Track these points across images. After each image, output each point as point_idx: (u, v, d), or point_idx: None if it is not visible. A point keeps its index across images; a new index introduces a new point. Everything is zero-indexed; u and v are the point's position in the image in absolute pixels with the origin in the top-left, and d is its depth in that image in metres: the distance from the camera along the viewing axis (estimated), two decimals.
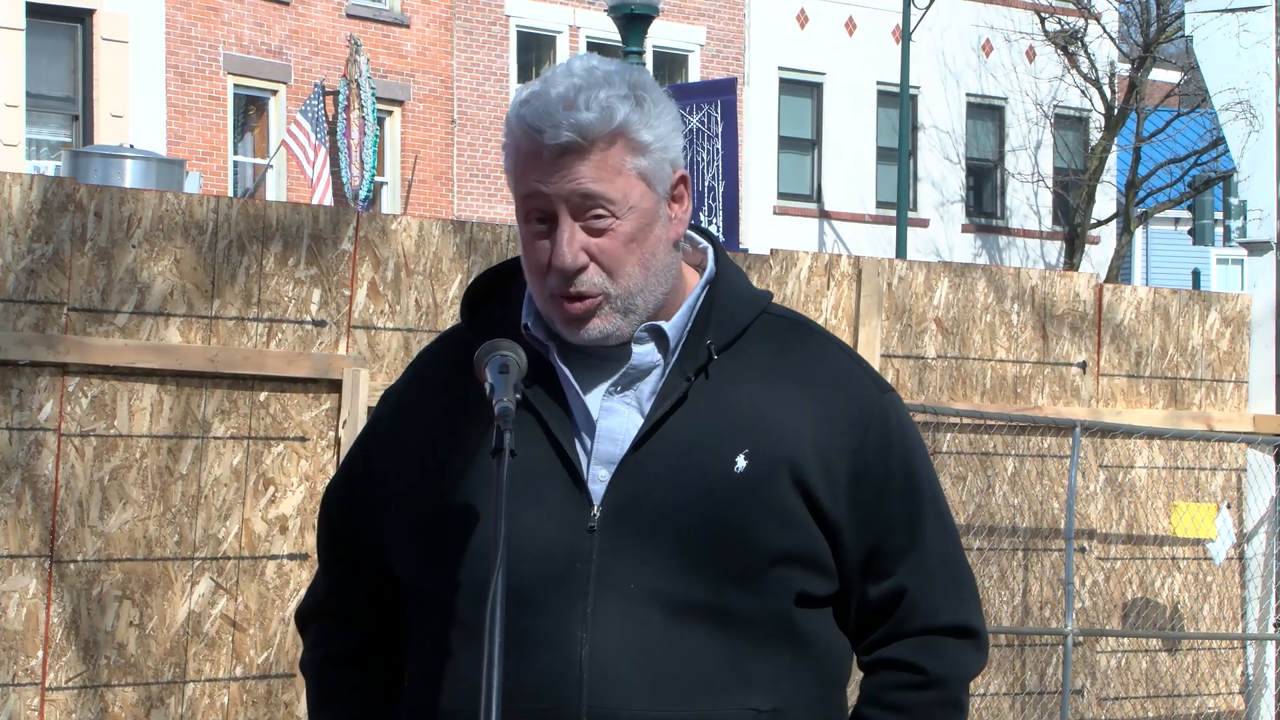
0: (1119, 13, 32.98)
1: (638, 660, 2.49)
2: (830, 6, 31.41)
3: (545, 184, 2.53)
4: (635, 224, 2.55)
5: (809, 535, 2.56)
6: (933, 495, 2.66)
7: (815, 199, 31.39)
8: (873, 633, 2.64)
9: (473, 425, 2.61)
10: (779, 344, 2.64)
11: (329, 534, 2.79)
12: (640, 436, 2.55)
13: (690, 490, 2.53)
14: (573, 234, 2.53)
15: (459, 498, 2.58)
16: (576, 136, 2.50)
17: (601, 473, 2.55)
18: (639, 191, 2.55)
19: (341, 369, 6.51)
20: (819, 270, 7.66)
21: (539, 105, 2.53)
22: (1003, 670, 8.19)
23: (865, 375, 2.67)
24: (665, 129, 2.58)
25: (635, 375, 2.59)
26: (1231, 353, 8.86)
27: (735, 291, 2.66)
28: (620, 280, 2.55)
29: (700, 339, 2.60)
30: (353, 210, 6.95)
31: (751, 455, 2.54)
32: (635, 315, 2.57)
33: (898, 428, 2.64)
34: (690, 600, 2.51)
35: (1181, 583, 8.72)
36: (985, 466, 8.12)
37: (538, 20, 28.60)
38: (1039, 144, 33.52)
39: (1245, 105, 9.37)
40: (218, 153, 24.80)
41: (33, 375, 5.98)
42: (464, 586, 2.55)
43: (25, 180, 6.00)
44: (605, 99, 2.52)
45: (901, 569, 2.61)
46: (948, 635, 2.63)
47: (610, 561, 2.51)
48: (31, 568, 5.96)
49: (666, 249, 2.60)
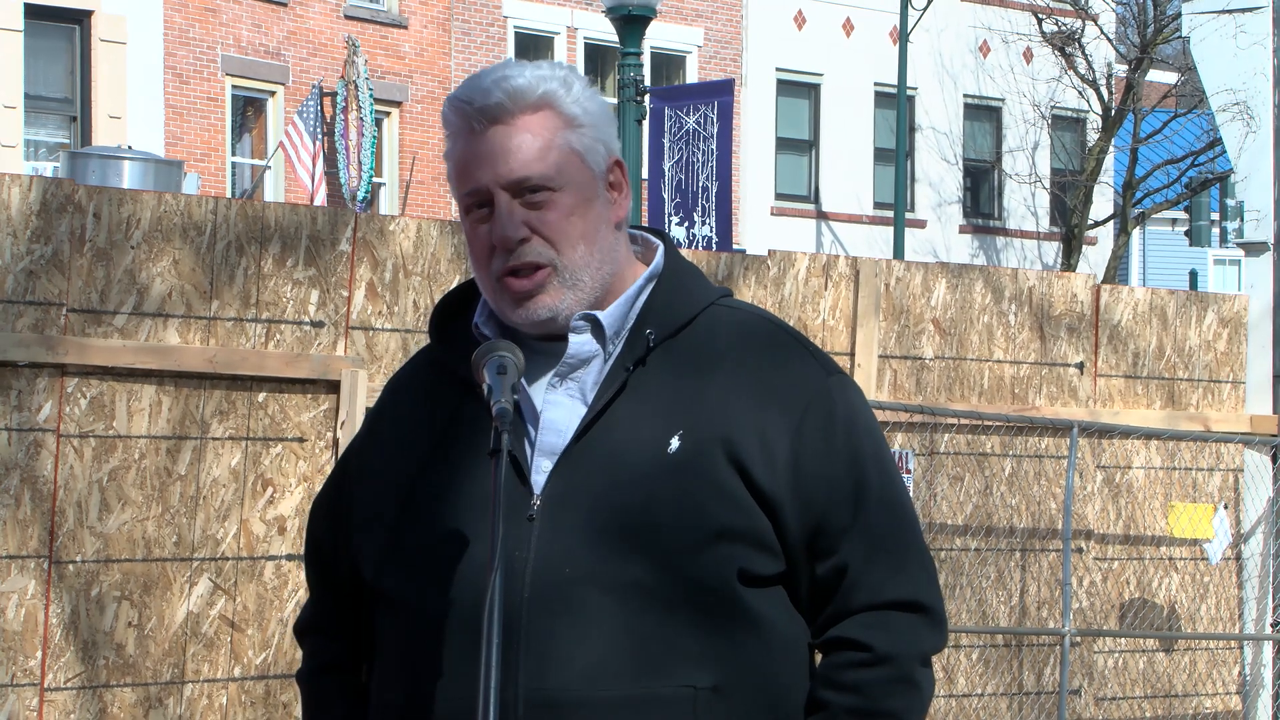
0: (1116, 14, 32.98)
1: (574, 643, 2.51)
2: (828, 8, 31.41)
3: (480, 171, 2.60)
4: (574, 197, 2.61)
5: (747, 512, 2.56)
6: (880, 474, 2.65)
7: (813, 200, 31.39)
8: (821, 612, 2.63)
9: (442, 434, 2.67)
10: (725, 333, 2.67)
11: (313, 549, 2.85)
12: (582, 427, 2.59)
13: (626, 474, 2.56)
14: (511, 208, 2.60)
15: (425, 501, 2.63)
16: (504, 99, 2.58)
17: (544, 464, 2.59)
18: (573, 165, 2.62)
19: (340, 370, 6.51)
20: (816, 271, 7.67)
21: (470, 83, 2.64)
22: (1000, 670, 8.19)
23: (811, 358, 2.68)
24: (595, 112, 2.65)
25: (575, 365, 2.63)
26: (1229, 353, 8.87)
27: (683, 285, 2.69)
28: (565, 252, 2.60)
29: (643, 330, 2.64)
30: (351, 211, 6.95)
31: (685, 436, 2.57)
32: (582, 293, 2.61)
33: (843, 407, 2.65)
34: (626, 581, 2.53)
35: (1179, 583, 8.73)
36: (983, 467, 8.12)
37: (535, 21, 28.60)
38: (1036, 145, 33.52)
39: (1242, 106, 9.37)
40: (216, 154, 24.80)
41: (31, 376, 5.98)
42: (428, 586, 2.59)
43: (24, 181, 6.00)
44: (532, 74, 2.62)
45: (844, 547, 2.61)
46: (894, 610, 2.61)
47: (547, 549, 2.54)
48: (30, 568, 5.97)
49: (609, 228, 2.65)
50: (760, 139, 30.43)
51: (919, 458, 7.96)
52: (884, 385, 7.86)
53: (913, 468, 7.91)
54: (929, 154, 32.53)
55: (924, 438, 7.96)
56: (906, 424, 7.91)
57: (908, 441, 7.93)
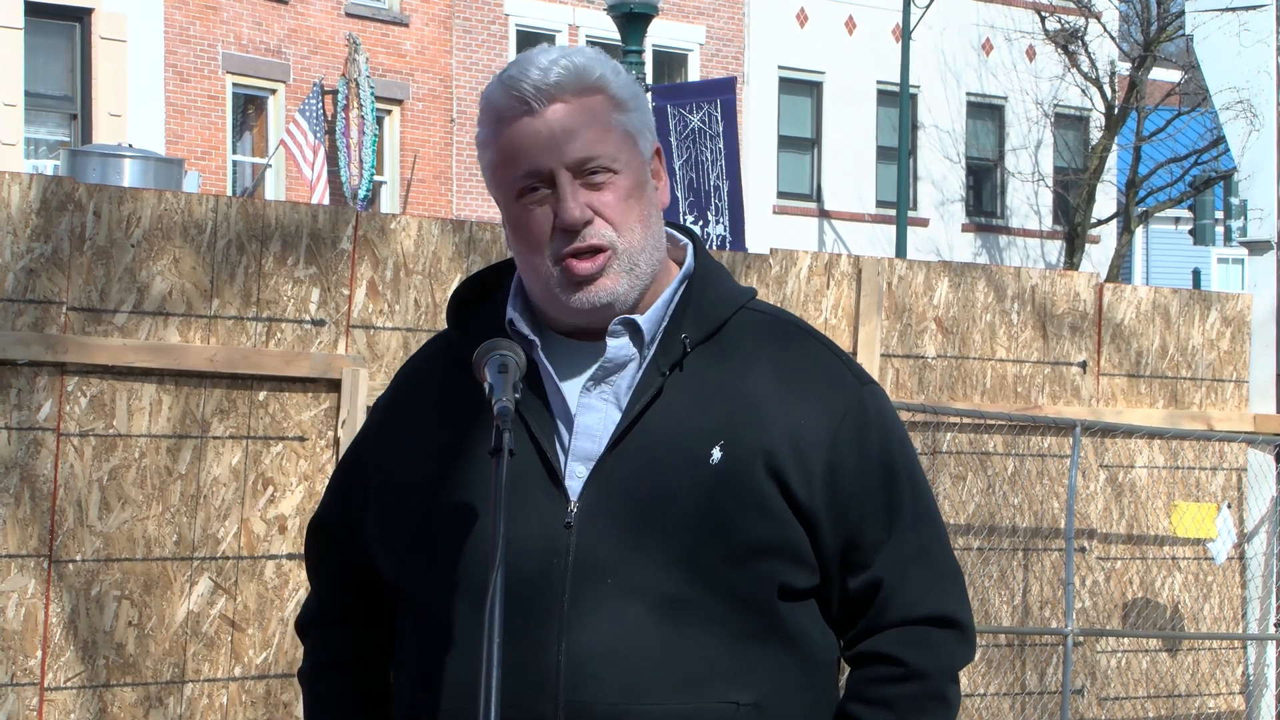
0: (1119, 11, 32.97)
1: (614, 656, 2.48)
2: (830, 5, 31.41)
3: (541, 151, 2.55)
4: (632, 179, 2.58)
5: (786, 526, 2.54)
6: (913, 488, 2.64)
7: (815, 198, 31.39)
8: (853, 626, 2.61)
9: (461, 427, 2.61)
10: (758, 338, 2.63)
11: (319, 543, 2.80)
12: (618, 433, 2.55)
13: (666, 484, 2.52)
14: (575, 190, 2.55)
15: (446, 498, 2.59)
16: (565, 77, 2.55)
17: (579, 469, 2.55)
18: (628, 149, 2.59)
19: (341, 368, 6.50)
20: (819, 270, 7.65)
21: (520, 67, 2.59)
22: (1003, 670, 8.18)
23: (845, 368, 2.66)
24: (641, 98, 2.63)
25: (611, 369, 2.59)
26: (1232, 352, 8.86)
27: (714, 286, 2.66)
28: (624, 235, 2.57)
29: (677, 333, 2.60)
30: (352, 209, 6.94)
31: (726, 447, 2.53)
32: (638, 277, 2.58)
33: (876, 419, 2.62)
34: (667, 594, 2.50)
35: (1182, 582, 8.71)
36: (985, 466, 8.11)
37: (537, 19, 28.59)
38: (1039, 143, 33.52)
39: (1246, 104, 9.36)
40: (216, 152, 24.79)
41: (31, 375, 5.97)
42: (450, 586, 2.55)
43: (24, 179, 5.99)
44: (584, 58, 2.59)
45: (878, 561, 2.59)
46: (928, 626, 2.60)
47: (586, 558, 2.51)
48: (30, 567, 5.95)
49: (658, 214, 2.63)
50: (762, 137, 30.42)
51: (921, 457, 7.95)
52: (886, 384, 7.84)
53: None
54: (931, 152, 32.52)
55: (926, 437, 7.95)
56: (909, 423, 7.89)
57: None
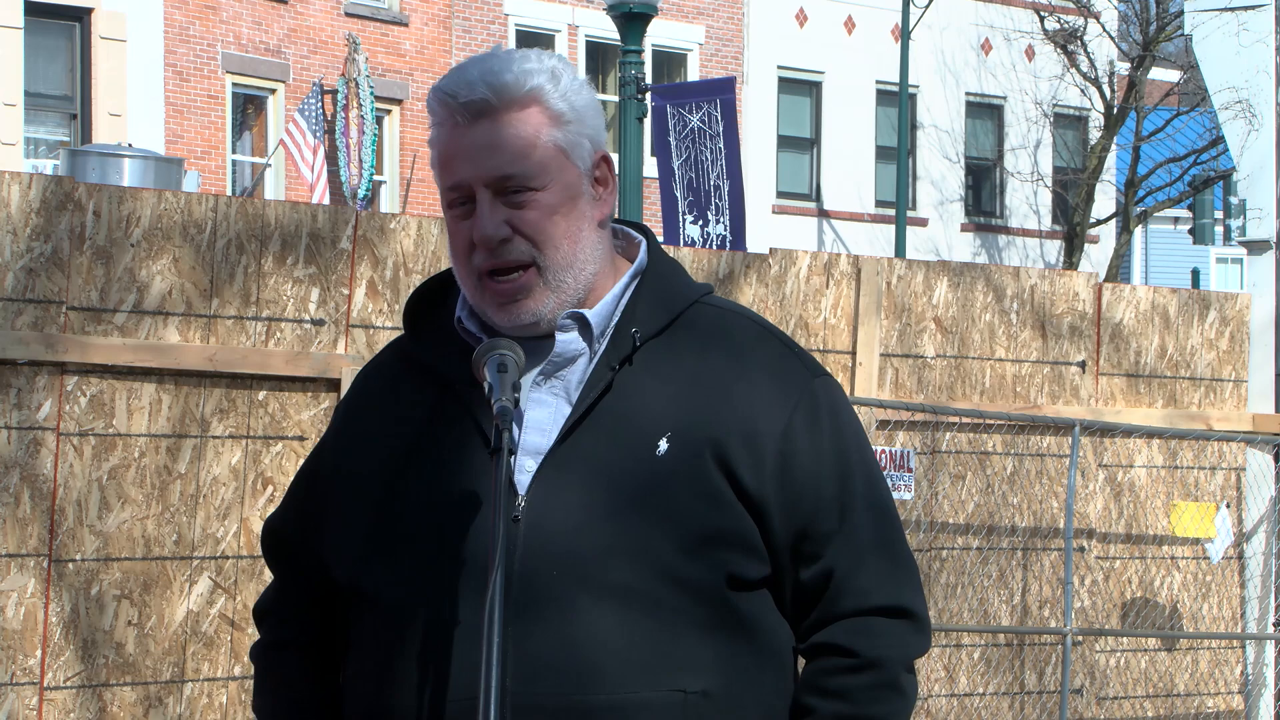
0: (1118, 11, 32.97)
1: (562, 647, 2.49)
2: (829, 5, 31.40)
3: (463, 166, 2.55)
4: (557, 196, 2.56)
5: (735, 515, 2.54)
6: (866, 478, 2.63)
7: (814, 198, 31.39)
8: (807, 617, 2.61)
9: (415, 428, 2.62)
10: (710, 332, 2.63)
11: (273, 547, 2.83)
12: (567, 427, 2.56)
13: (613, 476, 2.53)
14: (492, 206, 2.55)
15: (404, 498, 2.60)
16: (490, 95, 2.53)
17: (529, 464, 2.55)
18: (558, 163, 2.57)
19: (340, 368, 6.50)
20: (818, 269, 7.66)
21: (455, 75, 2.58)
22: (1002, 670, 8.18)
23: (797, 360, 2.66)
24: (582, 106, 2.60)
25: (560, 364, 2.59)
26: (1231, 352, 8.86)
27: (667, 281, 2.66)
28: (547, 251, 2.56)
29: (628, 328, 2.60)
30: (351, 209, 6.94)
31: (673, 438, 2.54)
32: (566, 294, 2.57)
33: (829, 410, 2.62)
34: (617, 585, 2.50)
35: (1181, 582, 8.72)
36: (984, 466, 8.11)
37: (536, 19, 28.59)
38: (1038, 143, 33.51)
39: (1245, 104, 9.37)
40: (216, 152, 24.79)
41: (31, 374, 5.97)
42: (414, 584, 2.56)
43: (24, 179, 5.99)
44: (519, 67, 2.56)
45: (830, 551, 2.58)
46: (881, 616, 2.59)
47: (535, 551, 2.51)
48: (30, 567, 5.96)
49: (592, 226, 2.60)
50: (761, 137, 30.42)
51: (920, 456, 7.95)
52: (885, 384, 7.85)
53: (914, 466, 7.89)
54: (931, 152, 32.52)
55: (925, 436, 7.95)
56: (908, 423, 7.89)
57: (909, 440, 7.92)
